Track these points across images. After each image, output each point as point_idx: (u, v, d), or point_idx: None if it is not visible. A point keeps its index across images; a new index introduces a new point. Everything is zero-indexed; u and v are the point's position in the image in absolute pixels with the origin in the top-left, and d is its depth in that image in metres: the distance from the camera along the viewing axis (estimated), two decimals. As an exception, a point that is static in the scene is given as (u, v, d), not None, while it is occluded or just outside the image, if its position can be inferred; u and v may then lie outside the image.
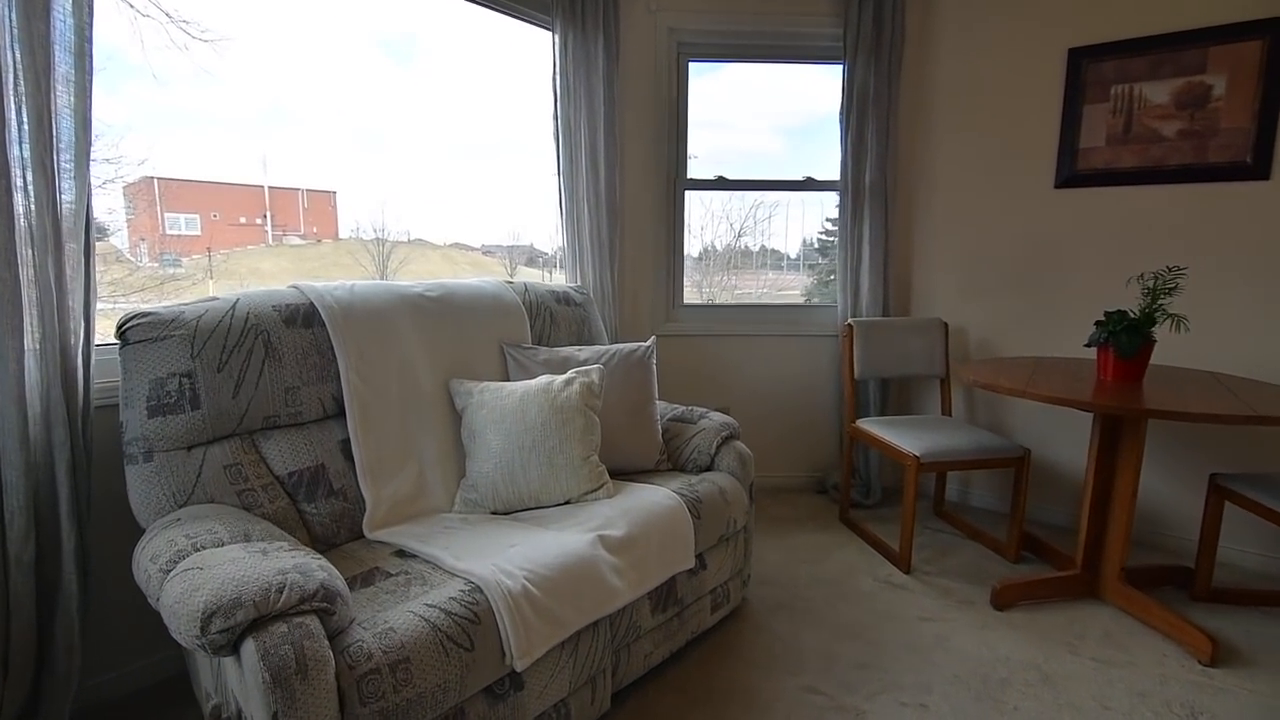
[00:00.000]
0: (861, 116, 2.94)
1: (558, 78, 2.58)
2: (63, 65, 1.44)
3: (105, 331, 1.77)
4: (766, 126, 3.40)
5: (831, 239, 5.68)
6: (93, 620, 1.69)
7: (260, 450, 1.59)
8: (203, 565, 1.14)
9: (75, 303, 1.49)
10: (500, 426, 1.80)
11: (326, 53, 2.78)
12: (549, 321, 2.27)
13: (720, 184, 3.14)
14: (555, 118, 2.59)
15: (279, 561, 1.15)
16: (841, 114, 3.04)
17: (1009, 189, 2.93)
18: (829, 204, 3.31)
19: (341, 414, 1.75)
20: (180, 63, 2.40)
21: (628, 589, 1.59)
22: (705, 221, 3.50)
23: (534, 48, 2.71)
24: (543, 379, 1.90)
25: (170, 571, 1.17)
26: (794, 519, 2.95)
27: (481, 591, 1.33)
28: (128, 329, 1.46)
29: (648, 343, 2.23)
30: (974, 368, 2.36)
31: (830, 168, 3.16)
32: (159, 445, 1.44)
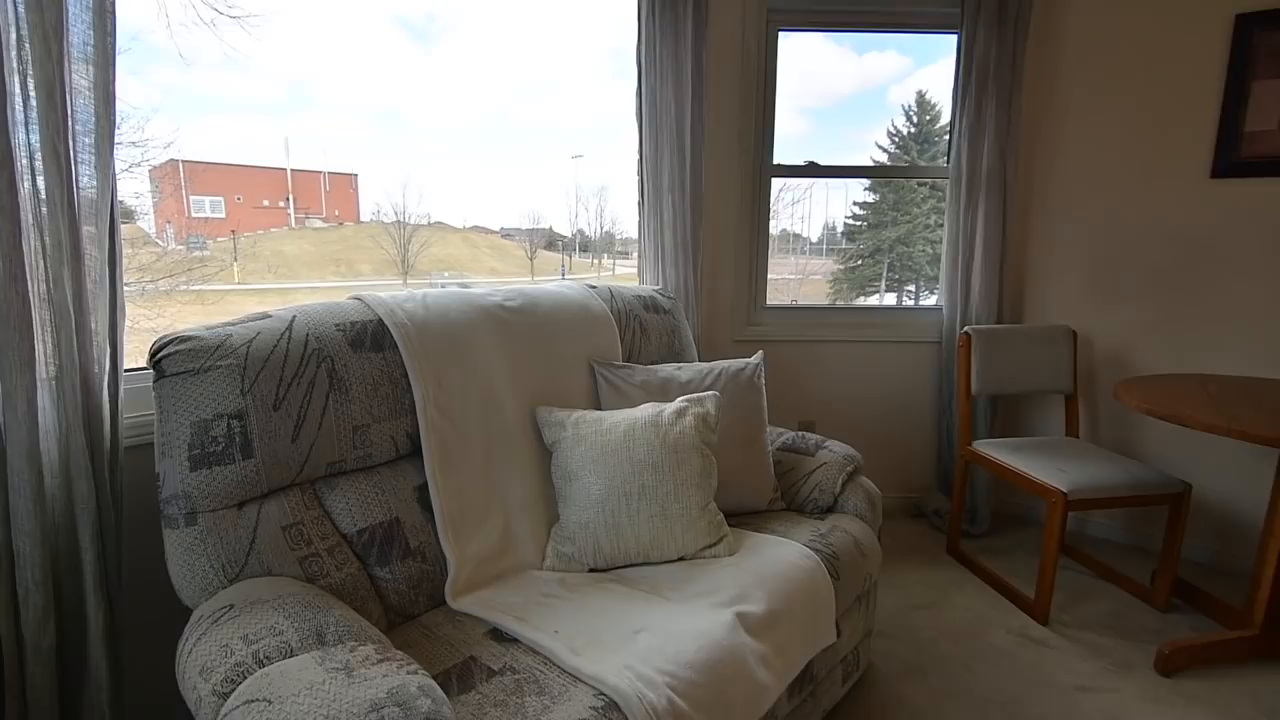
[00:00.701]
0: (981, 92, 2.57)
1: (642, 49, 2.24)
2: (79, 26, 1.14)
3: (137, 348, 1.51)
4: (791, 108, 3.02)
5: (859, 223, 5.27)
6: (127, 717, 1.43)
7: (324, 503, 1.31)
8: (271, 696, 0.85)
9: (99, 323, 1.20)
10: (601, 467, 1.51)
11: (348, 33, 2.50)
12: (639, 333, 1.95)
13: (811, 170, 2.79)
14: (639, 94, 2.26)
15: (369, 688, 0.87)
16: (955, 90, 2.67)
17: (1152, 177, 2.55)
18: (855, 188, 2.96)
19: (415, 453, 1.46)
20: (206, 44, 2.28)
21: (775, 681, 1.29)
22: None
23: (585, 20, 2.39)
24: (647, 409, 1.60)
25: (228, 696, 0.89)
26: (895, 550, 2.63)
27: (619, 709, 1.04)
28: (164, 357, 1.18)
29: (755, 359, 1.91)
30: (1137, 390, 2.01)
31: (854, 152, 2.81)
32: (204, 504, 1.16)
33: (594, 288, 1.94)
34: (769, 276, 2.82)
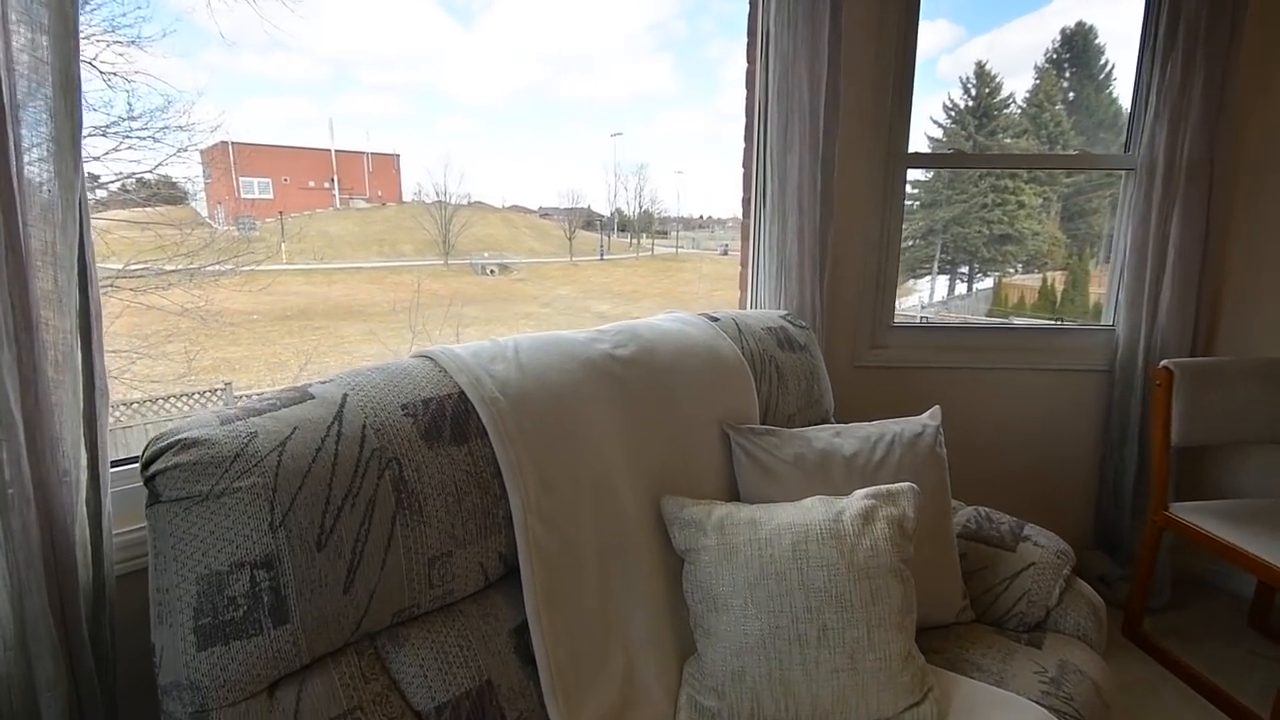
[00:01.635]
0: (1188, 61, 2.03)
1: (771, 11, 1.77)
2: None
3: (152, 374, 1.16)
4: None
5: (910, 203, 4.73)
6: None
7: (390, 669, 0.92)
8: None
9: (65, 421, 0.82)
10: (762, 594, 1.09)
11: (390, 12, 2.12)
12: (775, 380, 1.52)
13: (957, 160, 2.29)
14: (766, 71, 1.80)
15: None
16: (1144, 57, 2.14)
17: None
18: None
19: (508, 576, 1.07)
20: (249, 24, 2.05)
21: None
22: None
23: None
24: (818, 509, 1.16)
25: None
26: (1054, 628, 2.16)
27: None
28: (158, 473, 0.79)
29: (932, 419, 1.46)
30: None
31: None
32: (218, 697, 0.78)
33: (715, 319, 1.50)
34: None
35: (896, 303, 2.32)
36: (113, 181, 8.92)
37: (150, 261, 8.20)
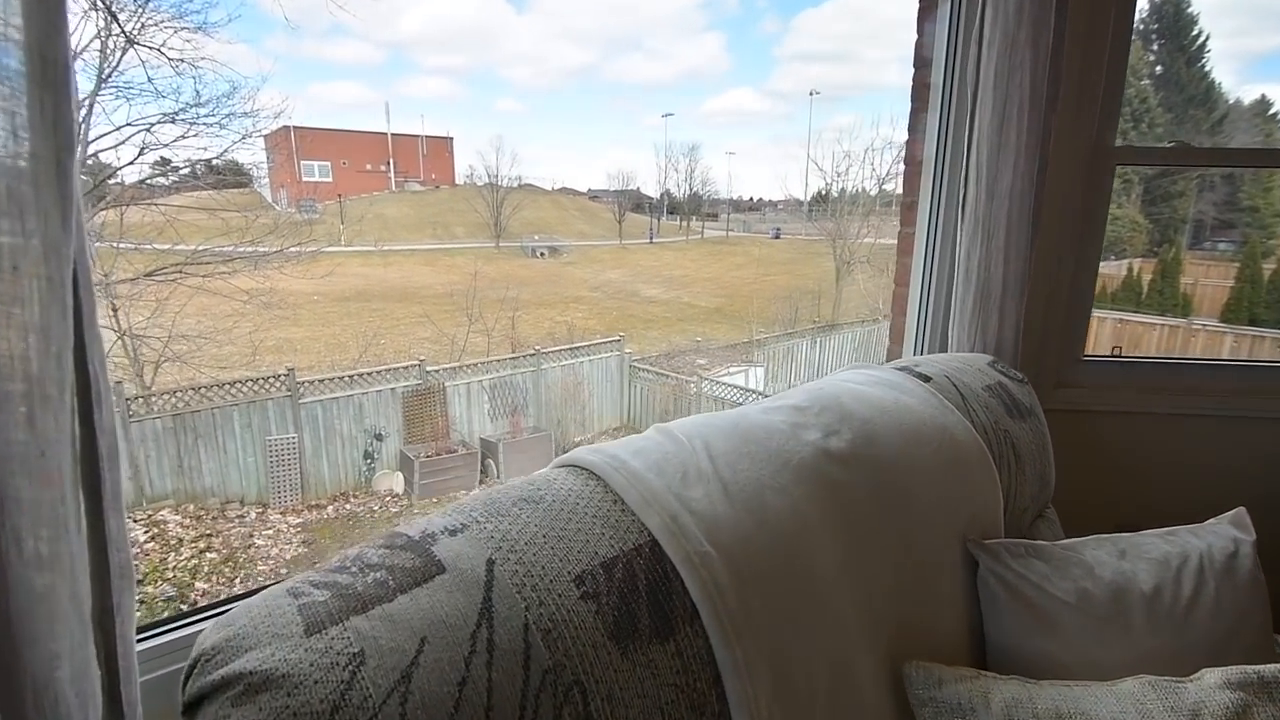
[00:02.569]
0: None
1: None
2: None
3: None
4: (893, 58, 2.01)
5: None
6: None
7: None
8: None
9: (60, 636, 0.51)
10: None
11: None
12: (1013, 463, 1.13)
13: (1180, 156, 1.83)
14: (971, 45, 1.39)
15: None
16: None
17: None
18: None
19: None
20: (312, 9, 1.67)
21: None
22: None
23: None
24: (1151, 700, 0.77)
25: None
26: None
27: None
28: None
29: (1232, 525, 1.06)
30: None
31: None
32: None
33: (925, 378, 1.11)
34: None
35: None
36: (183, 167, 8.98)
37: (217, 247, 8.24)
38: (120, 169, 7.98)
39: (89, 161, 7.83)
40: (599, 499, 0.65)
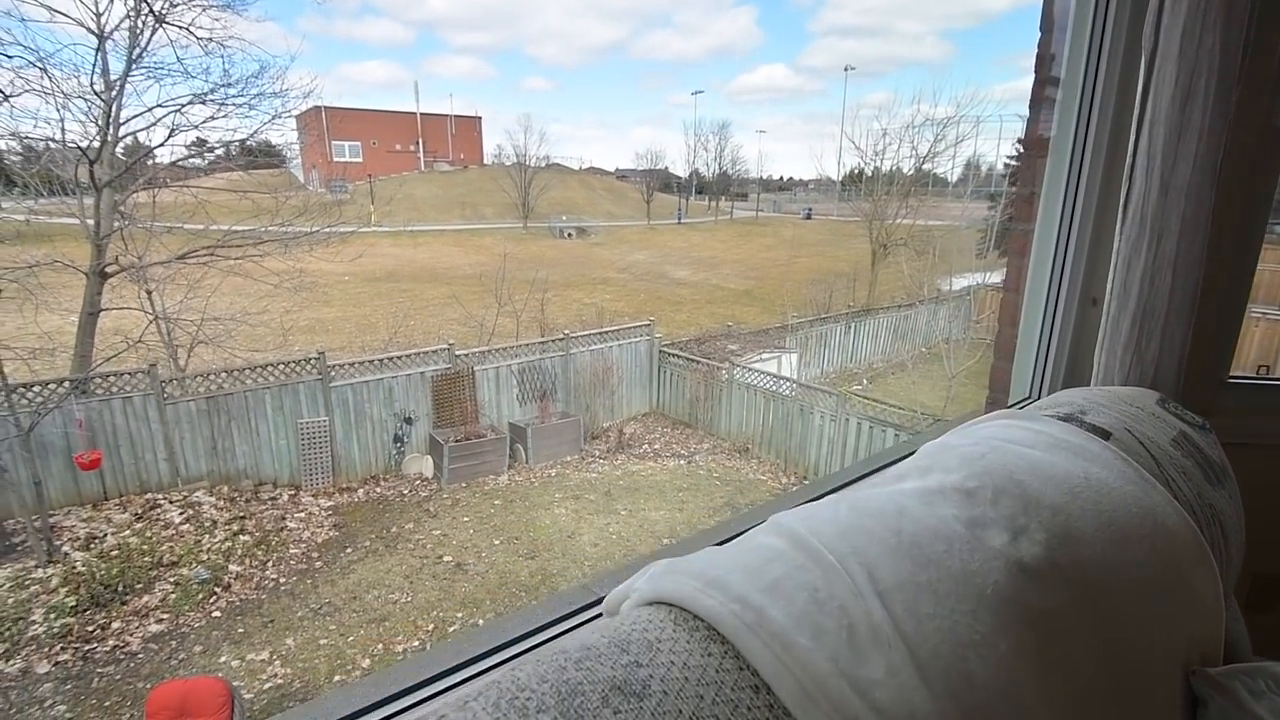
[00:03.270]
0: None
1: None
2: None
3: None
4: (930, 31, 1.68)
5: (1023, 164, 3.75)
6: None
7: None
8: None
9: None
10: None
11: None
12: (1222, 547, 0.88)
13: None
14: (1156, 6, 1.10)
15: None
16: None
17: None
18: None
19: None
20: None
21: None
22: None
23: None
24: None
25: None
26: None
27: None
28: None
29: None
30: None
31: (1013, 81, 1.43)
32: None
33: (1105, 435, 0.86)
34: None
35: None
36: (218, 148, 8.91)
37: (249, 228, 8.17)
38: (154, 149, 7.94)
39: (125, 142, 7.80)
40: (733, 687, 0.42)
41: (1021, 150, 1.42)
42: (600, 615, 0.59)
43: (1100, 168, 1.17)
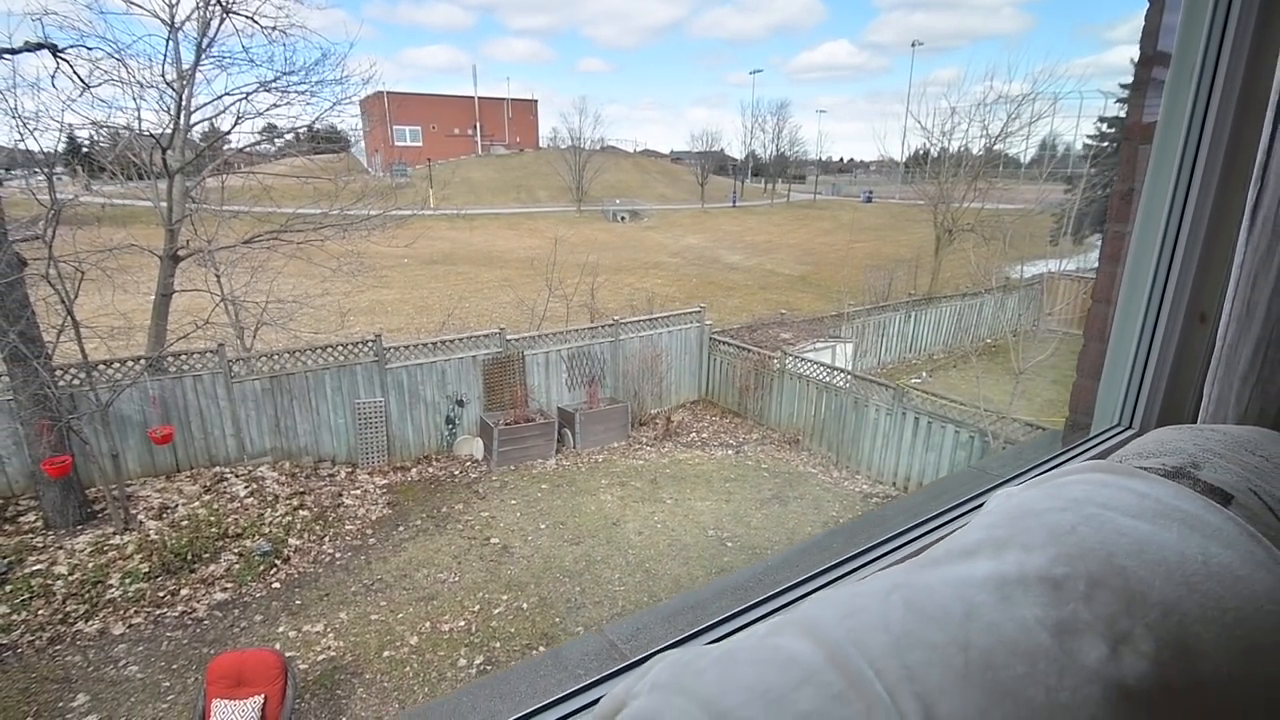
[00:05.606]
0: None
1: None
2: None
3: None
4: (1008, 2, 1.40)
5: (1105, 145, 3.32)
6: None
7: None
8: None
9: None
10: None
11: None
12: None
13: None
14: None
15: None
16: None
17: None
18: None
19: None
20: None
21: None
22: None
23: None
24: None
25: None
26: None
27: None
28: None
29: None
30: None
31: (1095, 54, 1.14)
32: None
33: (1227, 500, 0.72)
34: None
35: None
36: (287, 133, 9.16)
37: (311, 214, 8.38)
38: (224, 135, 8.23)
39: (197, 129, 8.11)
40: None
41: (1105, 130, 1.24)
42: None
43: (1219, 164, 0.99)
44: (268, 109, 7.63)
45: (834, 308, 12.64)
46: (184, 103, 6.95)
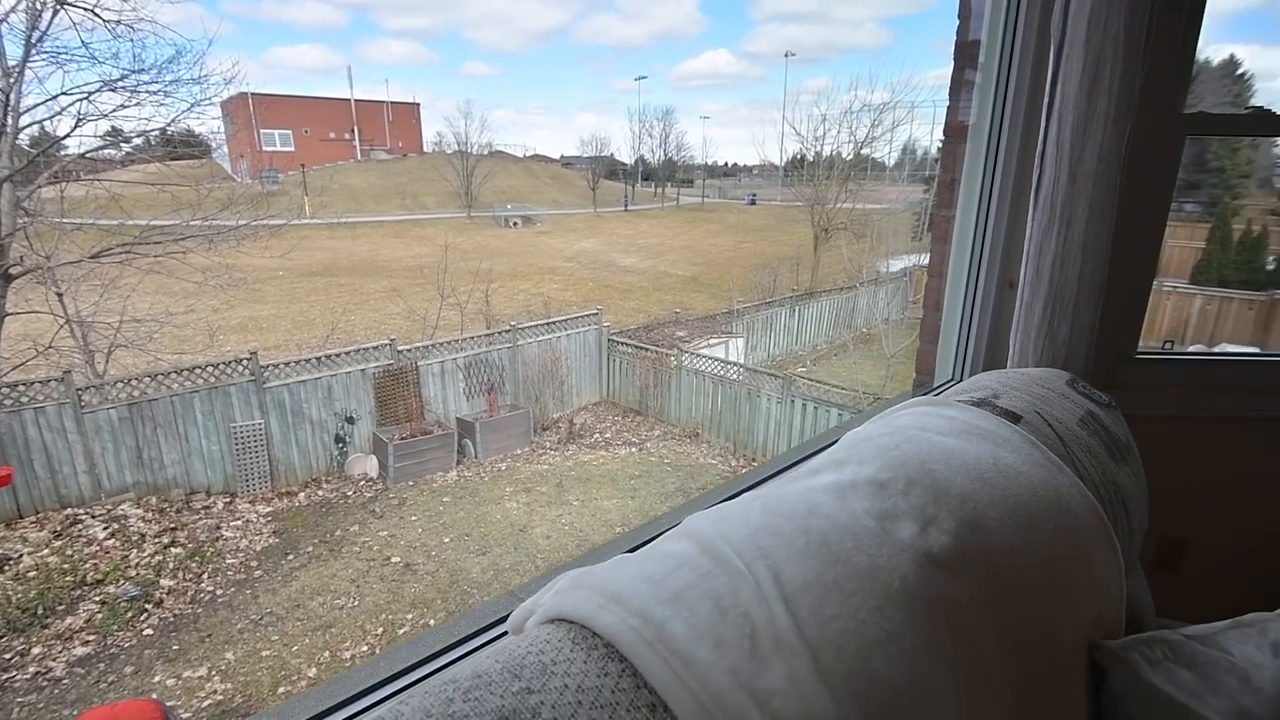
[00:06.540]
0: None
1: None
2: None
3: None
4: (870, 18, 1.78)
5: None
6: None
7: None
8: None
9: None
10: None
11: None
12: (1125, 524, 0.92)
13: (1259, 124, 1.60)
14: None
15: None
16: None
17: None
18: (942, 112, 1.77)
19: None
20: None
21: None
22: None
23: None
24: None
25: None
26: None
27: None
28: None
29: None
30: None
31: (945, 67, 1.56)
32: None
33: (1015, 419, 0.88)
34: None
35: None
36: (135, 137, 8.33)
37: (170, 225, 7.70)
38: (60, 140, 7.38)
39: (27, 132, 7.22)
40: (628, 708, 0.40)
41: (944, 136, 1.45)
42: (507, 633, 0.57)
43: (1015, 155, 1.20)
44: (114, 110, 6.94)
45: (725, 306, 13.16)
46: (11, 103, 6.19)
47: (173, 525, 6.41)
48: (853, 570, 0.53)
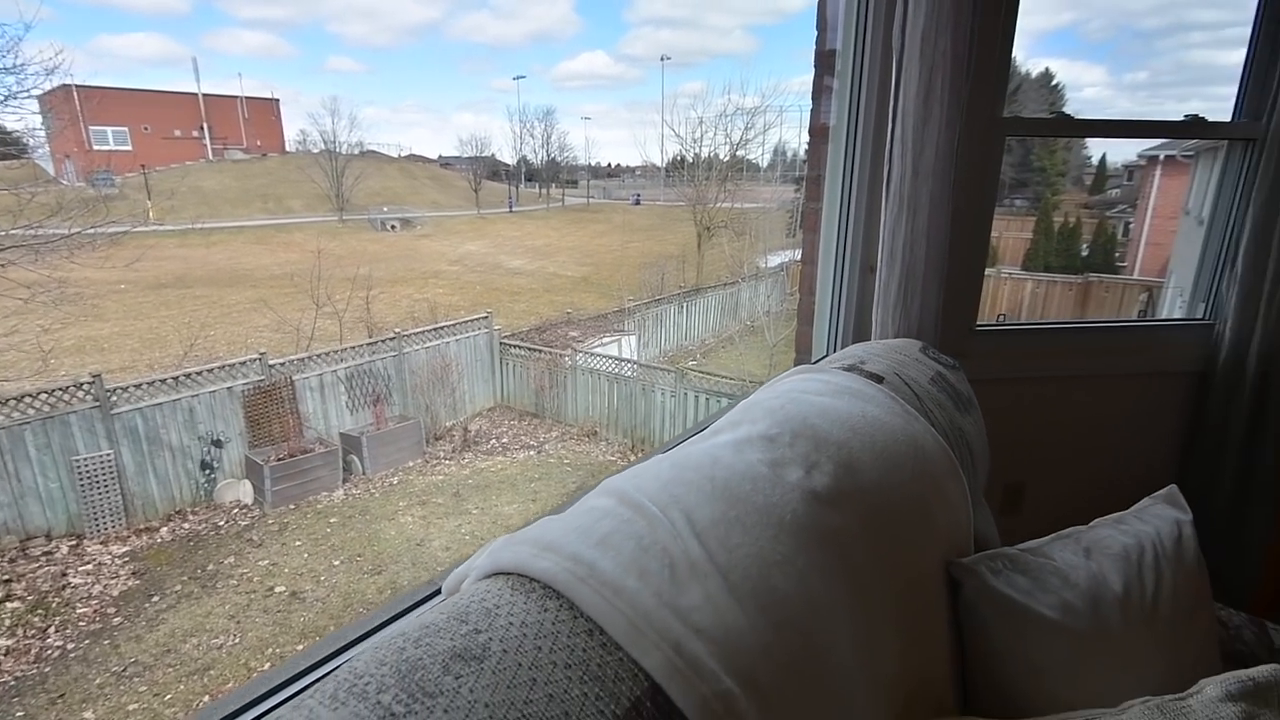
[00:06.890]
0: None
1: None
2: None
3: None
4: (737, 25, 2.11)
5: None
6: None
7: None
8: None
9: None
10: None
11: None
12: (970, 464, 1.07)
13: (1061, 127, 1.88)
14: (901, 13, 1.27)
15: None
16: (1265, 12, 1.78)
17: None
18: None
19: None
20: None
21: None
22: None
23: None
24: (1153, 718, 0.74)
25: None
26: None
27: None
28: None
29: (1168, 505, 1.07)
30: None
31: (809, 74, 1.95)
32: None
33: (879, 380, 1.01)
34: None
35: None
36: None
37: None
38: None
39: None
40: (568, 635, 0.45)
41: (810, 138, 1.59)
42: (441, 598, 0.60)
43: (869, 152, 1.35)
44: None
45: (616, 304, 13.32)
46: None
47: (7, 577, 5.63)
48: (752, 508, 0.61)
